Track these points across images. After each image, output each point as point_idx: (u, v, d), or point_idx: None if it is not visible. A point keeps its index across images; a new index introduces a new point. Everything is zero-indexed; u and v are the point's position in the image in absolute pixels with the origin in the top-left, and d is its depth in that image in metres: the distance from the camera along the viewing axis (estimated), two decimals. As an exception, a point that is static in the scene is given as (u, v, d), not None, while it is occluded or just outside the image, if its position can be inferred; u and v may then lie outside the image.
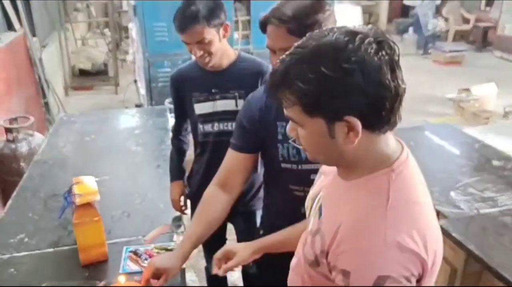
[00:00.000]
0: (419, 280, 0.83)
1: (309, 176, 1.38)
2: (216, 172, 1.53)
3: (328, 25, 1.22)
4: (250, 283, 2.12)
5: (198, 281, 2.73)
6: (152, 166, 2.36)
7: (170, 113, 2.96)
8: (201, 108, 1.92)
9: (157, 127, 2.91)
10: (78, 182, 1.58)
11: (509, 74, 7.67)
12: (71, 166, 2.36)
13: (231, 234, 2.16)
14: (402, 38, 9.46)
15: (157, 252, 1.62)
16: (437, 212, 1.92)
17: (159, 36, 4.20)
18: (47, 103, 5.02)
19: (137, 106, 5.32)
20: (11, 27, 4.42)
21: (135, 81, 5.35)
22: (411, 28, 9.54)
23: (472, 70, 8.02)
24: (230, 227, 2.16)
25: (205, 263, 2.33)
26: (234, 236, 2.15)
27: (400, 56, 0.84)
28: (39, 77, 4.87)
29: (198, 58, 1.81)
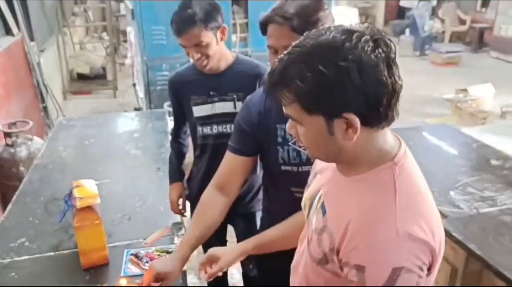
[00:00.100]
0: (429, 268, 0.85)
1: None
2: None
3: (327, 24, 1.23)
4: (251, 285, 2.13)
5: (200, 283, 2.73)
6: (152, 169, 2.36)
7: (169, 116, 2.96)
8: (199, 111, 1.93)
9: (157, 130, 2.91)
10: (79, 186, 1.59)
11: (506, 75, 7.72)
12: (70, 170, 2.37)
13: (232, 236, 2.16)
14: (399, 40, 9.48)
15: (158, 254, 1.62)
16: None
17: (157, 40, 4.20)
18: (46, 108, 5.02)
19: (136, 109, 5.33)
20: (9, 32, 4.42)
21: (134, 84, 5.35)
22: (407, 30, 9.56)
23: (469, 71, 8.05)
24: (230, 229, 2.16)
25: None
26: (235, 238, 2.15)
27: (396, 55, 0.85)
28: (37, 82, 4.87)
29: (195, 61, 1.81)
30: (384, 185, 0.88)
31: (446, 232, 1.75)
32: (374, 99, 0.82)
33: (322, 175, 1.07)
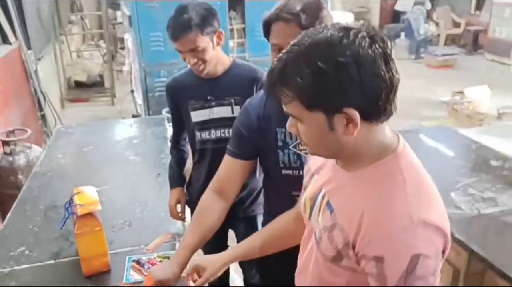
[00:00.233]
0: (442, 253, 0.87)
1: None
2: None
3: (329, 23, 1.24)
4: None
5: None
6: (152, 175, 2.35)
7: (168, 122, 2.96)
8: (197, 116, 1.93)
9: (156, 136, 2.91)
10: (79, 193, 1.58)
11: (501, 76, 7.77)
12: (70, 177, 2.36)
13: (233, 241, 2.15)
14: (394, 43, 9.49)
15: (160, 260, 1.61)
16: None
17: (155, 46, 4.20)
18: (43, 116, 5.01)
19: (134, 116, 5.32)
20: (6, 40, 4.42)
21: (132, 91, 5.35)
22: (402, 33, 9.62)
23: (464, 73, 8.10)
24: (231, 235, 2.16)
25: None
26: (236, 243, 2.14)
27: (392, 50, 0.87)
28: (35, 90, 4.86)
29: (192, 66, 1.81)
30: (392, 176, 0.89)
31: (448, 234, 1.77)
32: (373, 94, 0.84)
33: (320, 175, 1.07)
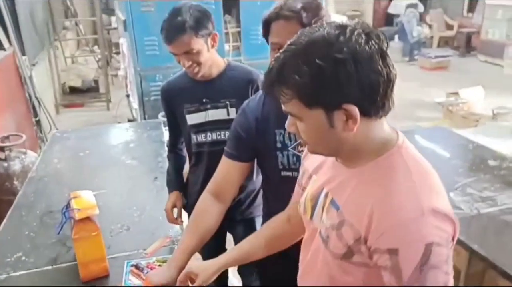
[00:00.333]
0: (452, 241, 0.88)
1: None
2: None
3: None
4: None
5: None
6: (149, 179, 2.34)
7: (164, 126, 2.95)
8: (193, 119, 1.91)
9: (152, 140, 2.89)
10: (76, 197, 1.56)
11: (495, 77, 7.83)
12: (66, 182, 2.33)
13: (232, 244, 2.13)
14: (388, 46, 9.56)
15: (159, 265, 1.60)
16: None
17: (150, 50, 4.20)
18: (38, 121, 4.98)
19: (129, 121, 5.30)
20: (0, 46, 4.40)
21: (128, 95, 5.33)
22: (396, 36, 9.67)
23: (458, 75, 8.15)
24: (230, 238, 2.14)
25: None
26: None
27: (388, 46, 0.89)
28: (29, 95, 4.83)
29: (186, 69, 1.80)
30: (397, 168, 0.90)
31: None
32: (372, 89, 0.85)
33: (319, 175, 1.07)
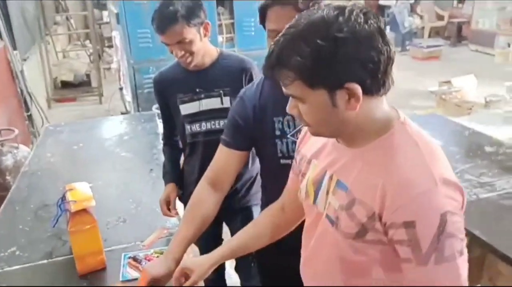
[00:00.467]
0: (461, 208, 0.89)
1: None
2: None
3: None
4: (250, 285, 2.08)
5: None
6: (145, 171, 2.31)
7: (159, 119, 2.92)
8: (186, 109, 1.89)
9: (147, 132, 2.86)
10: (71, 189, 1.53)
11: (486, 66, 7.91)
12: (60, 175, 2.30)
13: (228, 236, 2.11)
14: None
15: (157, 256, 1.57)
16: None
17: (143, 43, 4.16)
18: (30, 116, 4.94)
19: (123, 114, 5.26)
20: (-10, 41, 4.35)
21: (121, 88, 5.29)
22: (388, 27, 9.71)
23: (449, 64, 8.23)
24: (226, 229, 2.12)
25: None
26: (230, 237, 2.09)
27: (385, 27, 0.92)
28: (21, 90, 4.79)
29: (179, 59, 1.77)
30: (405, 142, 0.91)
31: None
32: (373, 67, 0.85)
33: (320, 159, 1.06)
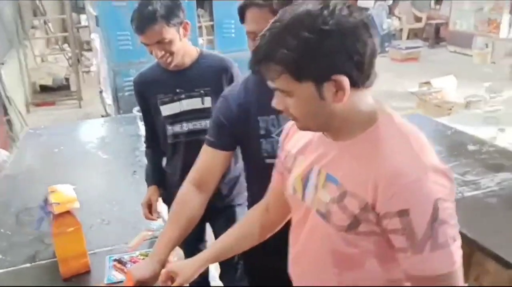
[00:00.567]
0: (451, 193, 0.90)
1: None
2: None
3: None
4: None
5: None
6: (128, 173, 2.28)
7: (140, 121, 2.88)
8: (167, 110, 1.87)
9: (129, 134, 2.83)
10: (54, 191, 1.49)
11: (464, 67, 8.00)
12: (41, 178, 2.24)
13: (211, 237, 2.08)
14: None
15: (142, 258, 1.55)
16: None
17: (123, 45, 4.10)
18: (9, 121, 4.84)
19: (103, 117, 5.18)
20: (-34, 44, 4.25)
21: (101, 91, 5.22)
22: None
23: (428, 65, 8.32)
24: (209, 232, 2.09)
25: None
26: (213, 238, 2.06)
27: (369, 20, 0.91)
28: (-1, 95, 4.69)
29: (159, 59, 1.75)
30: (393, 133, 0.92)
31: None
32: (359, 59, 0.86)
33: (306, 155, 1.06)
